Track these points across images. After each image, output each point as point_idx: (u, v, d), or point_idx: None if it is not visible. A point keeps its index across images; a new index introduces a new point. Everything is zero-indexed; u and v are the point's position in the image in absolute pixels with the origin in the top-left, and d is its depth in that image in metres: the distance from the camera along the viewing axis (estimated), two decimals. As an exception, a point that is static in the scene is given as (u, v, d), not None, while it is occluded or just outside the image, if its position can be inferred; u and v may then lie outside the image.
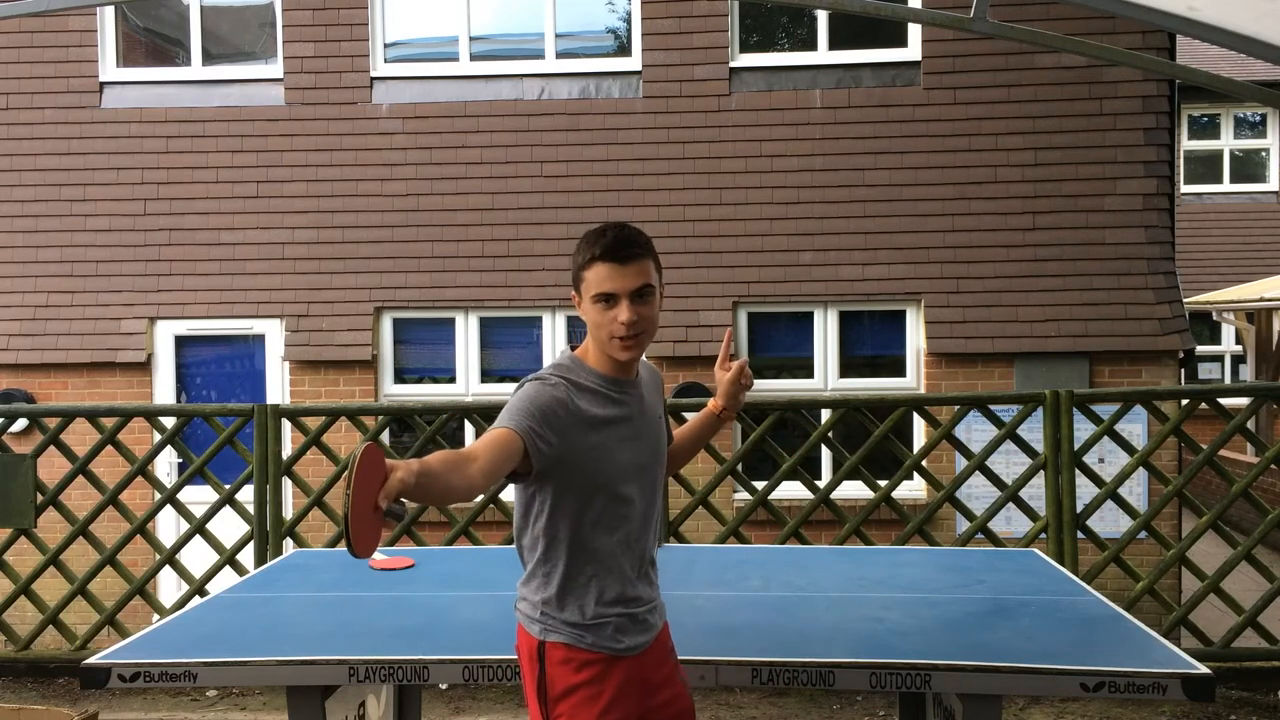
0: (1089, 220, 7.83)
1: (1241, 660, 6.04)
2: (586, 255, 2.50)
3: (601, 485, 2.53)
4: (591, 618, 2.54)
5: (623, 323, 2.48)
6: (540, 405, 2.44)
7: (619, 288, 2.48)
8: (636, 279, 2.49)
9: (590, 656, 2.54)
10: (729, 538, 6.18)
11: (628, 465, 2.58)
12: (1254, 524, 6.17)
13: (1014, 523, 7.40)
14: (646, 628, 2.64)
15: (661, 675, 2.68)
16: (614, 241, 2.48)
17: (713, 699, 5.95)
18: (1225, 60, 14.72)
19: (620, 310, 2.49)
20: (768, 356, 8.15)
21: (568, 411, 2.47)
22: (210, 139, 8.28)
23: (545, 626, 2.56)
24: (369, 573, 4.17)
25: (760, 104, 8.02)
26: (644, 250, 2.52)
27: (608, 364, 2.59)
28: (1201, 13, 4.58)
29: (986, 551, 4.56)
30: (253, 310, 8.22)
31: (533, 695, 2.58)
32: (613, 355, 2.55)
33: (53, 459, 6.61)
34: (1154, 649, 3.11)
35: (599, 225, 2.55)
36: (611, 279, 2.48)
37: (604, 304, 2.49)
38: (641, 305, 2.50)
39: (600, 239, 2.49)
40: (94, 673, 3.08)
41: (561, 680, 2.53)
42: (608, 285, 2.48)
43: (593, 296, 2.50)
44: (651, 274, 2.53)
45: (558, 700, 2.53)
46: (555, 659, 2.54)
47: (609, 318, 2.50)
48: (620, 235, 2.50)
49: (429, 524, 7.07)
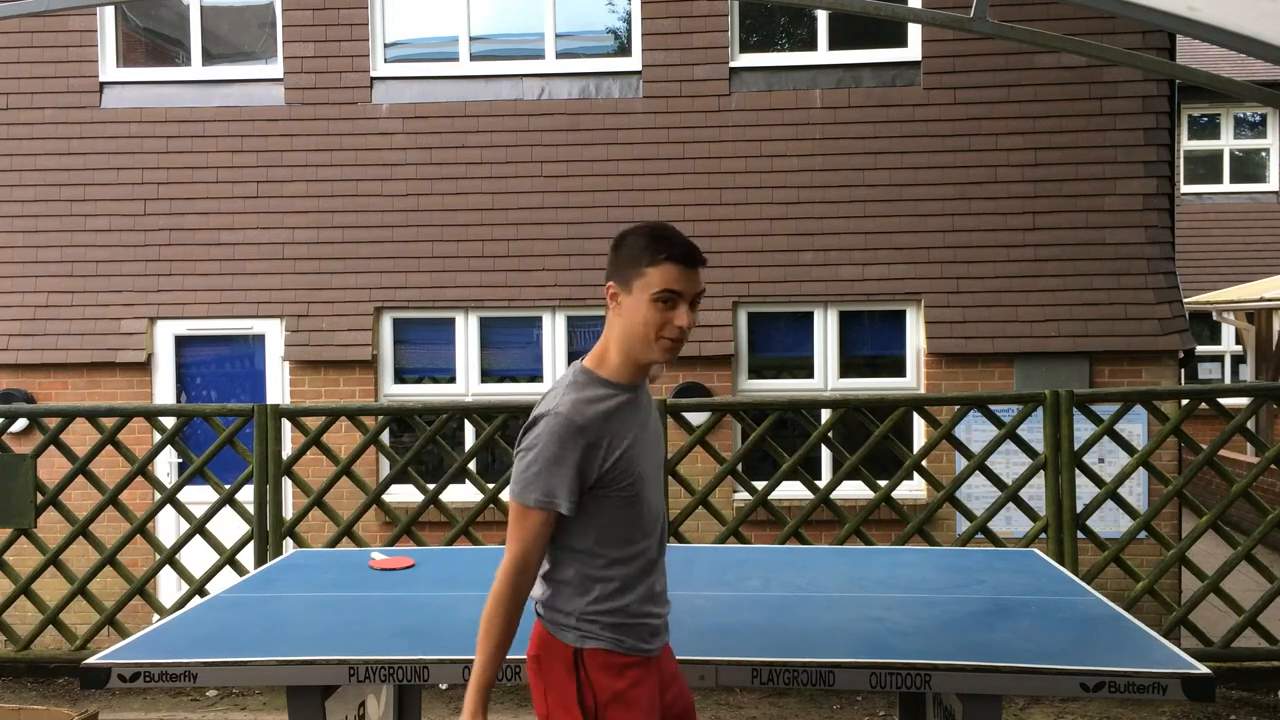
0: (1089, 220, 7.83)
1: (1241, 660, 6.04)
2: (657, 253, 2.48)
3: (635, 494, 2.53)
4: (629, 619, 2.55)
5: (679, 325, 2.48)
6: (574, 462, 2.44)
7: (686, 289, 2.49)
8: (699, 283, 2.54)
9: (629, 660, 2.54)
10: (729, 538, 6.18)
11: (648, 469, 2.59)
12: (1254, 524, 6.17)
13: (1014, 523, 7.40)
14: (666, 630, 2.69)
15: (671, 674, 2.74)
16: (688, 246, 2.51)
17: (713, 699, 5.95)
18: (1225, 60, 14.72)
19: (679, 314, 2.49)
20: (768, 356, 8.15)
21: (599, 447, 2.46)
22: (210, 139, 8.28)
23: (583, 634, 2.53)
24: (369, 573, 4.17)
25: (760, 104, 8.02)
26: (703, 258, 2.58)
27: (627, 369, 2.55)
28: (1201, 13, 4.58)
29: (986, 551, 4.56)
30: (253, 310, 8.22)
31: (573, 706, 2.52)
32: (651, 357, 2.52)
33: (53, 459, 6.62)
34: (1154, 649, 3.11)
35: (648, 225, 2.55)
36: (681, 280, 2.48)
37: (663, 303, 2.48)
38: (694, 312, 2.55)
39: (668, 239, 2.50)
40: (94, 673, 3.08)
41: (606, 686, 2.51)
42: (677, 284, 2.48)
43: (654, 294, 2.47)
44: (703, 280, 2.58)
45: (606, 706, 2.51)
46: (596, 665, 2.52)
47: (665, 318, 2.48)
48: (688, 241, 2.53)
49: (429, 524, 7.07)
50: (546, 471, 2.43)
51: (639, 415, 2.59)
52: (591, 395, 2.50)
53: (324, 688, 3.19)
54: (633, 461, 2.51)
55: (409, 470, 6.28)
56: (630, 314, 2.50)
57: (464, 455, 6.33)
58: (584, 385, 2.52)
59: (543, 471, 2.43)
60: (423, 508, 6.33)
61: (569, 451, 2.43)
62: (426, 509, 6.38)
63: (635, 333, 2.50)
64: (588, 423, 2.44)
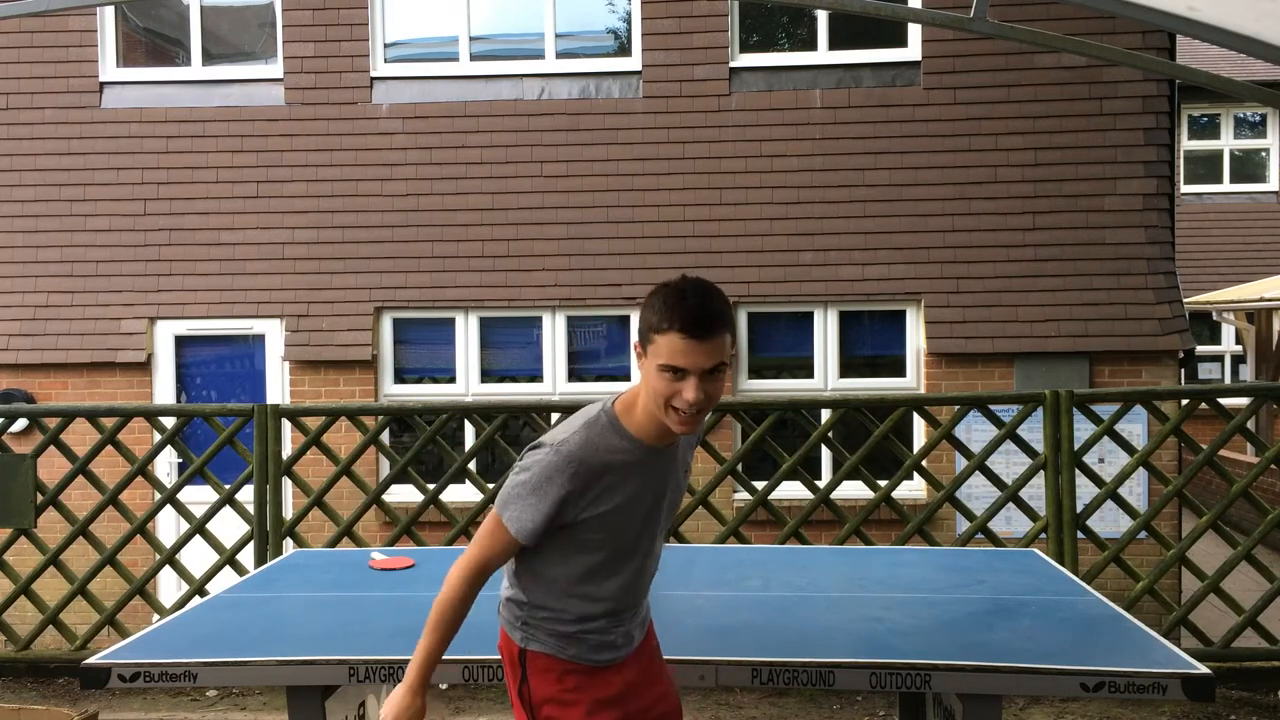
0: (1089, 220, 7.83)
1: (1241, 660, 6.04)
2: (662, 321, 2.28)
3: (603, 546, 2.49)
4: (572, 633, 2.55)
5: (687, 400, 2.29)
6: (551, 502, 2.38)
7: (691, 365, 2.27)
8: (710, 357, 2.28)
9: (570, 667, 2.55)
10: (729, 538, 6.18)
11: (636, 530, 2.52)
12: (1254, 524, 6.17)
13: (1014, 523, 7.40)
14: (627, 642, 2.63)
15: (645, 678, 2.67)
16: (696, 314, 2.26)
17: (713, 699, 5.95)
18: (1225, 60, 14.72)
19: (687, 387, 2.29)
20: (768, 356, 8.15)
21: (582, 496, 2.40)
22: (210, 139, 8.28)
23: (526, 635, 2.57)
24: (369, 573, 4.17)
25: (760, 104, 8.02)
26: (724, 323, 2.30)
27: (650, 427, 2.42)
28: (1201, 13, 4.58)
29: (986, 551, 4.56)
30: (253, 310, 8.22)
31: (515, 698, 2.61)
32: (664, 423, 2.37)
33: (53, 459, 6.62)
34: (1154, 649, 3.11)
35: (678, 282, 2.33)
36: (685, 354, 2.26)
37: (671, 375, 2.29)
38: (710, 383, 2.31)
39: (680, 304, 2.27)
40: (94, 673, 3.08)
41: (543, 688, 2.55)
42: (679, 360, 2.27)
43: (660, 365, 2.30)
44: (726, 350, 2.32)
45: (542, 705, 2.55)
46: (537, 667, 2.55)
47: (672, 390, 2.30)
48: (703, 307, 2.27)
49: (429, 524, 7.07)
50: (528, 499, 2.40)
51: (652, 474, 2.48)
52: (602, 443, 2.41)
53: (324, 688, 3.19)
54: (614, 518, 2.44)
55: (409, 470, 6.28)
56: (646, 378, 2.36)
57: (464, 455, 6.33)
58: (603, 430, 2.42)
59: (526, 498, 2.41)
60: (423, 508, 6.33)
61: (552, 490, 2.38)
62: (426, 509, 6.37)
63: (650, 398, 2.37)
64: (582, 468, 2.37)
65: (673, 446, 2.52)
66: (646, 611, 2.74)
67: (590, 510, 2.42)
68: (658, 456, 2.48)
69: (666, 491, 2.55)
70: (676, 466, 2.57)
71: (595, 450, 2.39)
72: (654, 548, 2.62)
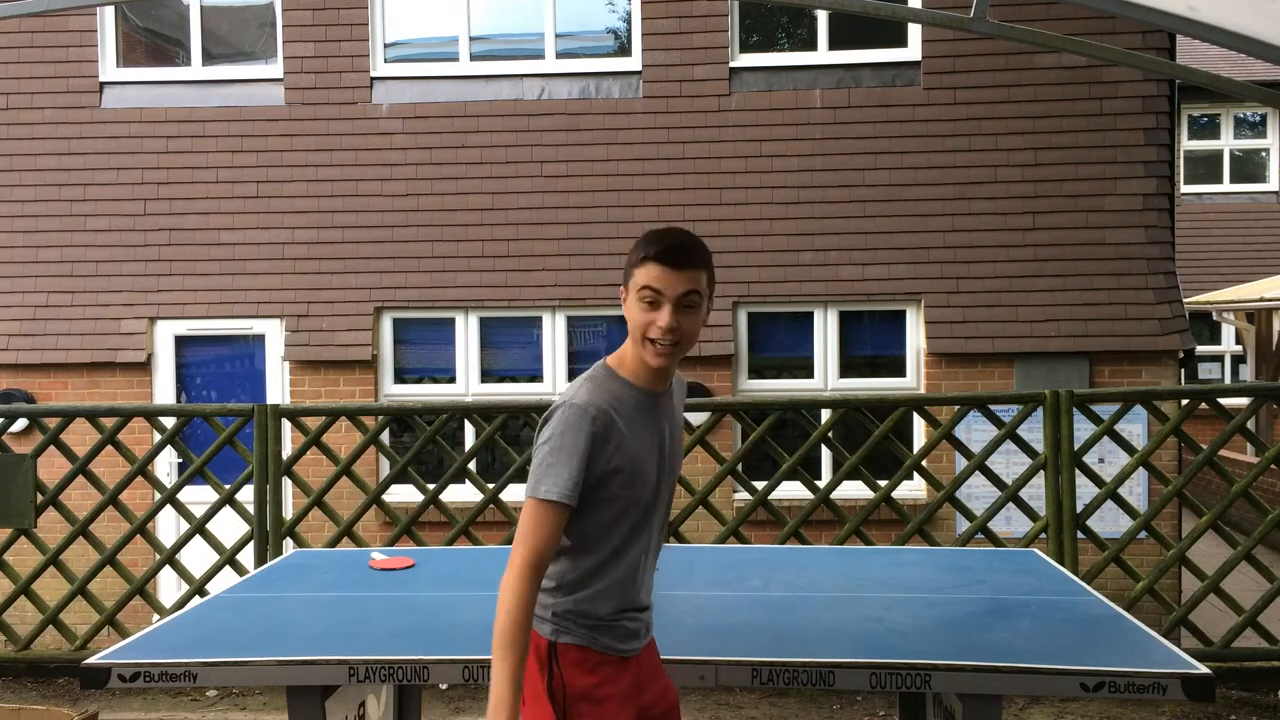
0: (1089, 220, 7.83)
1: (1241, 660, 6.04)
2: (641, 252, 2.46)
3: (634, 499, 2.52)
4: (606, 619, 2.55)
5: (660, 327, 2.43)
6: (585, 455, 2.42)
7: (666, 288, 2.43)
8: (684, 284, 2.44)
9: (602, 658, 2.54)
10: (729, 538, 6.18)
11: (654, 479, 2.57)
12: (1254, 524, 6.17)
13: (1014, 523, 7.40)
14: (647, 632, 2.68)
15: (651, 671, 2.71)
16: (672, 244, 2.44)
17: (713, 699, 5.95)
18: (1225, 60, 14.72)
19: (661, 314, 2.44)
20: (768, 356, 8.15)
21: (607, 441, 2.45)
22: (210, 139, 8.28)
23: (557, 627, 2.54)
24: (369, 573, 4.17)
25: (760, 104, 8.02)
26: (700, 260, 2.47)
27: (643, 371, 2.54)
28: (1201, 13, 4.58)
29: (986, 551, 4.56)
30: (253, 310, 8.22)
31: (541, 694, 2.54)
32: (644, 358, 2.49)
33: (53, 459, 6.62)
34: (1154, 649, 3.11)
35: (654, 229, 2.52)
36: (660, 279, 2.43)
37: (647, 304, 2.45)
38: (684, 314, 2.45)
39: (658, 239, 2.46)
40: (94, 673, 3.08)
41: (577, 681, 2.52)
42: (655, 282, 2.43)
43: (638, 292, 2.46)
44: (702, 284, 2.47)
45: (576, 701, 2.52)
46: (569, 660, 2.53)
47: (648, 319, 2.45)
48: (679, 240, 2.46)
49: (429, 524, 7.07)
50: (559, 460, 2.42)
51: (655, 420, 2.57)
52: (606, 390, 2.50)
53: (324, 688, 3.18)
54: (636, 465, 2.50)
55: (409, 470, 6.28)
56: (628, 315, 2.51)
57: (464, 455, 6.33)
58: (601, 380, 2.52)
59: (556, 461, 2.42)
60: (423, 508, 6.33)
61: (581, 441, 2.42)
62: (426, 509, 6.38)
63: (632, 335, 2.51)
64: (599, 414, 2.44)
65: (667, 394, 2.62)
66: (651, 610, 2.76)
67: (616, 458, 2.46)
68: (655, 401, 2.57)
69: (666, 441, 2.61)
70: (672, 419, 2.65)
71: (604, 397, 2.48)
72: (662, 511, 2.66)
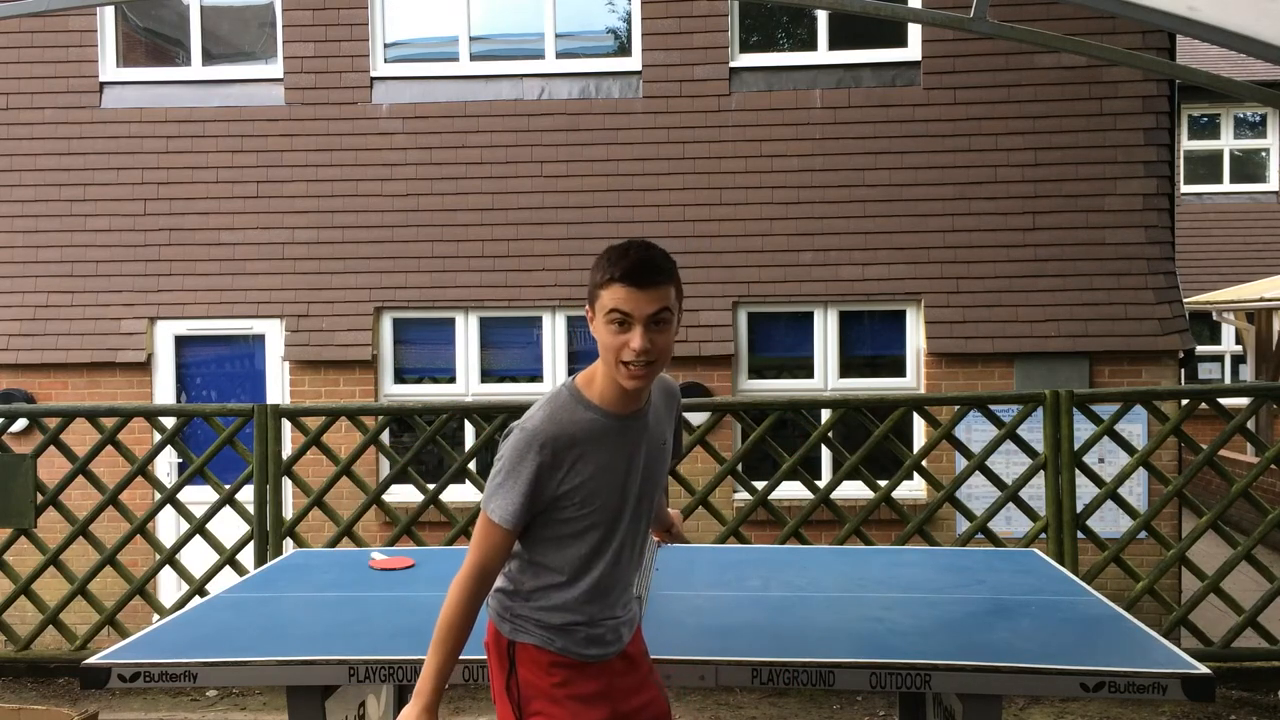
0: (1089, 220, 7.83)
1: (1241, 660, 6.04)
2: (605, 274, 2.38)
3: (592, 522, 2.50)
4: (560, 624, 2.54)
5: (634, 349, 2.36)
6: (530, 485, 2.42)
7: (635, 310, 2.36)
8: (654, 304, 2.37)
9: (559, 659, 2.54)
10: (729, 538, 6.18)
11: (618, 501, 2.52)
12: (1254, 524, 6.17)
13: (1014, 523, 7.39)
14: (616, 639, 2.63)
15: (634, 681, 2.66)
16: (636, 264, 2.36)
17: (713, 699, 5.95)
18: (1225, 60, 14.72)
19: (633, 336, 2.36)
20: (768, 356, 8.15)
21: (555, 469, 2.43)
22: (210, 139, 8.28)
23: (515, 626, 2.56)
24: (369, 573, 4.17)
25: (760, 104, 8.02)
26: (666, 276, 2.40)
27: (612, 392, 2.47)
28: (1201, 13, 4.58)
29: (986, 551, 4.56)
30: (253, 310, 8.22)
31: (501, 693, 2.59)
32: (619, 381, 2.42)
33: (53, 459, 6.61)
34: (1154, 649, 3.11)
35: (622, 242, 2.43)
36: (629, 301, 2.35)
37: (617, 325, 2.38)
38: (656, 332, 2.38)
39: (622, 258, 2.37)
40: (94, 673, 3.08)
41: (534, 680, 2.54)
42: (623, 305, 2.36)
43: (605, 315, 2.38)
44: (671, 299, 2.41)
45: (532, 699, 2.54)
46: (526, 659, 2.55)
47: (620, 341, 2.38)
48: (643, 257, 2.38)
49: (429, 524, 7.07)
50: (505, 485, 2.43)
51: (624, 443, 2.51)
52: (566, 416, 2.45)
53: (324, 688, 3.18)
54: (594, 489, 2.46)
55: (409, 470, 6.28)
56: (597, 336, 2.44)
57: (464, 455, 6.33)
58: (564, 403, 2.48)
59: (503, 485, 2.43)
60: (423, 508, 6.33)
61: (525, 468, 2.41)
62: (426, 509, 6.37)
63: (604, 357, 2.44)
64: (547, 442, 2.41)
65: (641, 415, 2.54)
66: (636, 613, 2.73)
67: (567, 483, 2.44)
68: (626, 425, 2.51)
69: (639, 462, 2.54)
70: (649, 438, 2.57)
71: (560, 423, 2.44)
72: (638, 526, 2.61)
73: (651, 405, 2.58)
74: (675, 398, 2.73)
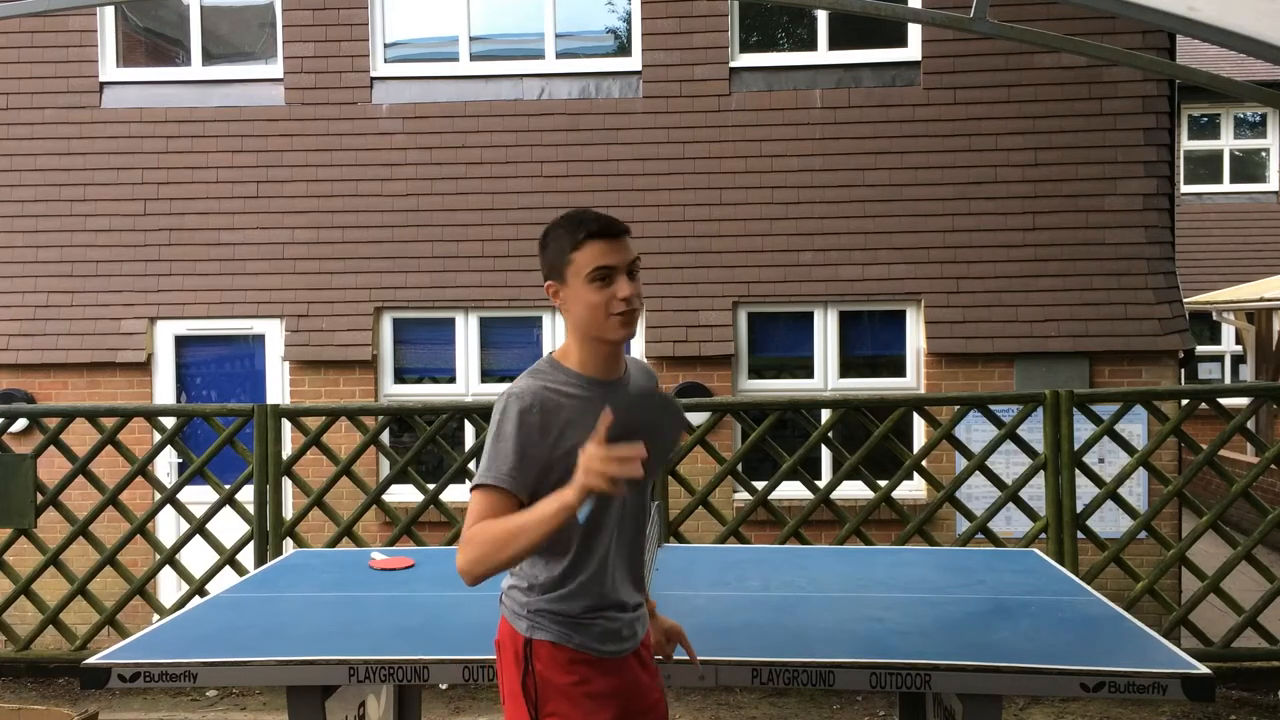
0: (1089, 220, 7.83)
1: (1241, 660, 6.04)
2: (577, 235, 2.45)
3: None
4: (580, 617, 2.53)
5: (623, 297, 2.43)
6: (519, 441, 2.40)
7: (617, 261, 2.44)
8: (630, 252, 2.47)
9: (577, 656, 2.52)
10: (729, 538, 6.18)
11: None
12: (1254, 524, 6.17)
13: (1014, 523, 7.39)
14: (632, 634, 2.62)
15: (644, 681, 2.66)
16: (603, 219, 2.46)
17: (713, 699, 5.95)
18: (1225, 60, 14.71)
19: (620, 285, 2.43)
20: (768, 356, 8.15)
21: (547, 427, 2.43)
22: (210, 139, 8.28)
23: (532, 624, 2.54)
24: (369, 573, 4.17)
25: (760, 104, 8.02)
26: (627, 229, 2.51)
27: (592, 360, 2.51)
28: (1201, 13, 4.58)
29: (986, 551, 4.57)
30: (253, 310, 8.22)
31: (515, 692, 2.55)
32: (608, 336, 2.47)
33: (53, 459, 6.61)
34: (1154, 649, 3.11)
35: (563, 215, 2.50)
36: (609, 254, 2.43)
37: (601, 282, 2.43)
38: (635, 281, 2.48)
39: (585, 219, 2.46)
40: (94, 673, 3.08)
41: (551, 678, 2.52)
42: (606, 259, 2.43)
43: (589, 274, 2.43)
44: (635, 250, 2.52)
45: (550, 698, 2.52)
46: (543, 656, 2.53)
47: (606, 295, 2.43)
48: (603, 215, 2.48)
49: (429, 524, 7.06)
50: (498, 448, 2.42)
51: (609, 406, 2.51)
52: (548, 380, 2.48)
53: (324, 688, 3.18)
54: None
55: (409, 470, 6.28)
56: (575, 303, 2.47)
57: (464, 455, 6.33)
58: (544, 372, 2.51)
59: (494, 452, 2.43)
60: (423, 508, 6.33)
61: (515, 427, 2.41)
62: (426, 509, 6.37)
63: (587, 319, 2.46)
64: (534, 400, 2.43)
65: (622, 383, 2.56)
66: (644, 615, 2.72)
67: (558, 447, 2.43)
68: (608, 390, 2.52)
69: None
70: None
71: (545, 386, 2.46)
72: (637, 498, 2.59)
73: (630, 376, 2.62)
74: (652, 376, 2.77)
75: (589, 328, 2.48)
